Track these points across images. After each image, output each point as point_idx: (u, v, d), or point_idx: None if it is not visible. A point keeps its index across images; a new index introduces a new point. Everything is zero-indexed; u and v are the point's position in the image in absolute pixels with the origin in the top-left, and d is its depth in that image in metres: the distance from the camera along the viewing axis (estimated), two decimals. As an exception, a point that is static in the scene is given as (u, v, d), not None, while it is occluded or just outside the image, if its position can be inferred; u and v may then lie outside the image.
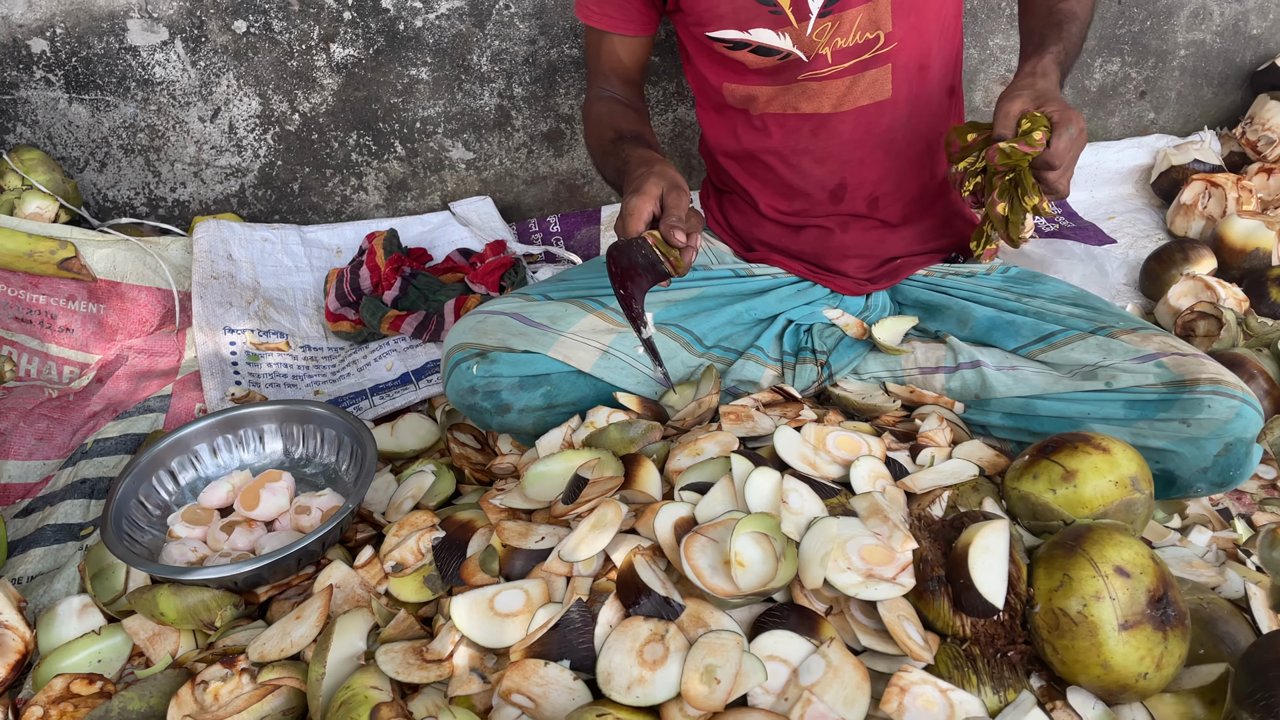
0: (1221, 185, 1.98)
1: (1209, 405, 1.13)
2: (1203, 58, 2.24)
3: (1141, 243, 2.04)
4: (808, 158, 1.38)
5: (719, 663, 0.86)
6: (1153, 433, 1.16)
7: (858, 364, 1.41)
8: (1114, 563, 0.89)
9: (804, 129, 1.36)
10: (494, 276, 1.69)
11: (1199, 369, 1.16)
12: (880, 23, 1.27)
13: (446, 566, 1.04)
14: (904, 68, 1.32)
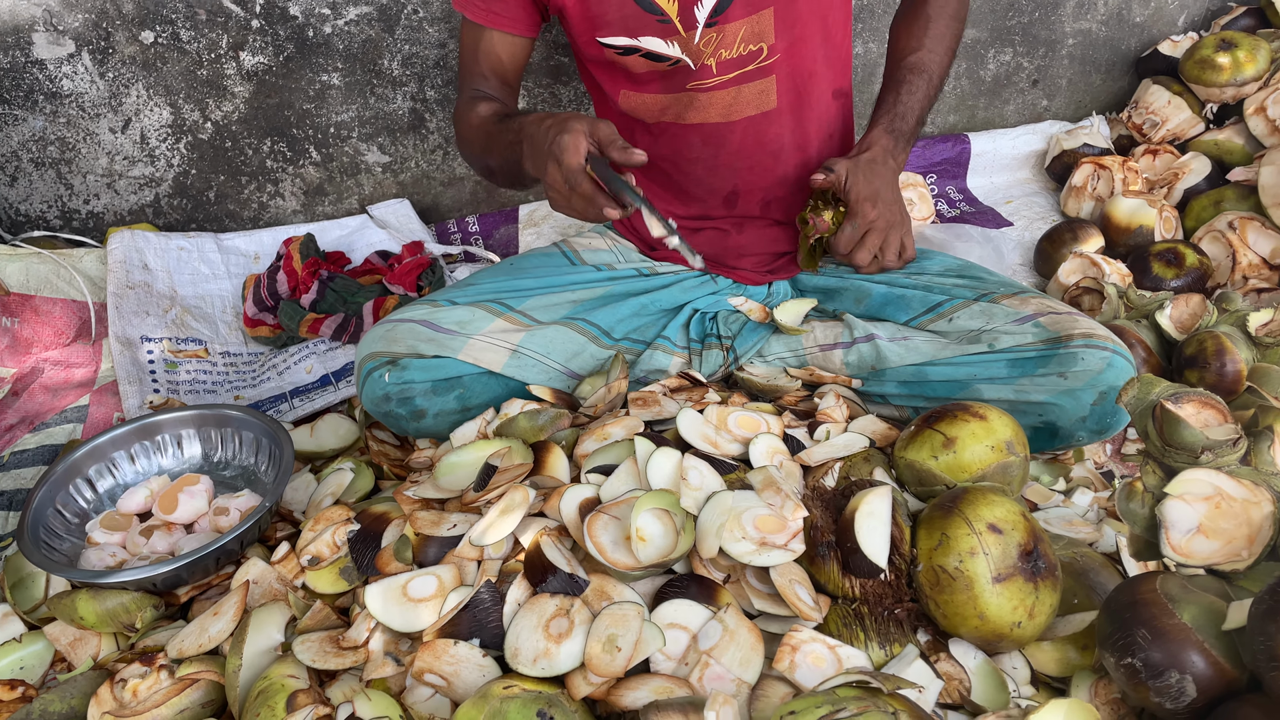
0: (1109, 167, 2.07)
1: (1082, 358, 1.20)
2: (1090, 46, 2.34)
3: (1037, 224, 2.13)
4: (700, 166, 1.42)
5: (620, 632, 0.90)
6: (1034, 388, 1.22)
7: (761, 346, 1.46)
8: (987, 520, 0.95)
9: (695, 139, 1.39)
10: (411, 277, 1.71)
11: (1072, 325, 1.24)
12: (763, 35, 1.29)
13: (362, 557, 1.07)
14: (789, 78, 1.35)
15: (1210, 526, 0.92)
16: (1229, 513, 0.92)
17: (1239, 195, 1.92)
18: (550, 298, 1.42)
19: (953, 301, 1.35)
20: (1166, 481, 0.94)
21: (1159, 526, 0.93)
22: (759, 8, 1.28)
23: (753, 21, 1.28)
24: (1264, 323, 1.43)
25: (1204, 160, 2.05)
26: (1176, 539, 0.92)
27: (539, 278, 1.45)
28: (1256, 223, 1.82)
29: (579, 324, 1.39)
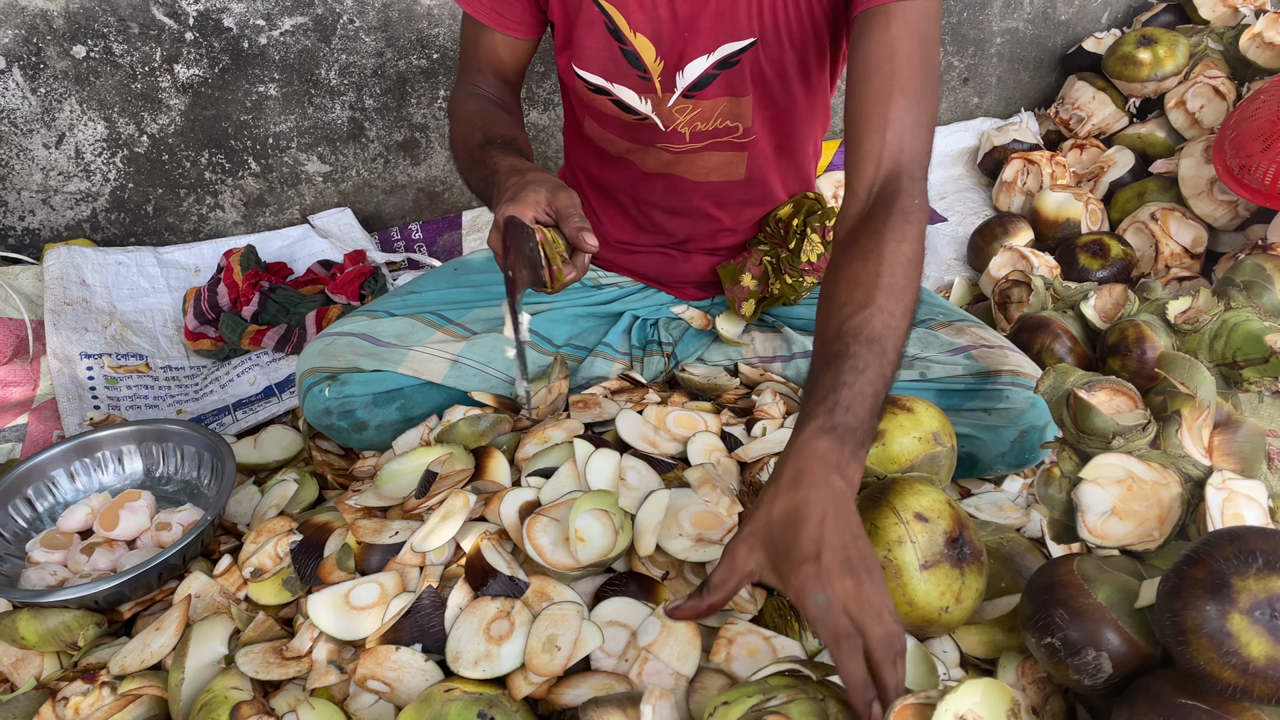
0: (1037, 162, 2.13)
1: (1008, 395, 1.23)
2: (1017, 44, 2.40)
3: (970, 219, 2.18)
4: (657, 211, 1.40)
5: (560, 632, 0.92)
6: (959, 420, 1.25)
7: (702, 354, 1.48)
8: (914, 510, 0.98)
9: (657, 185, 1.36)
10: (354, 286, 1.71)
11: (1002, 361, 1.27)
12: (741, 117, 1.26)
13: (304, 568, 1.07)
14: (761, 154, 1.32)
15: (1123, 508, 0.96)
16: (1140, 495, 0.95)
17: (1161, 187, 1.98)
18: (490, 310, 1.41)
19: None
20: (1081, 467, 0.97)
21: (1075, 510, 0.96)
22: (739, 94, 1.23)
23: (732, 103, 1.24)
24: (1182, 310, 1.48)
25: (1128, 154, 2.11)
26: (1092, 521, 0.96)
27: (479, 287, 1.44)
28: (1178, 213, 1.88)
29: None
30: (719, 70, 1.20)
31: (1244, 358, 1.38)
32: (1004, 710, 0.70)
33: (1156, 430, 1.00)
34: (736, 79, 1.21)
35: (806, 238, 1.41)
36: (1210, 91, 2.03)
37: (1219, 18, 2.22)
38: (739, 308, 1.43)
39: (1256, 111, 1.78)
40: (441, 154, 2.08)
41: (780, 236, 1.43)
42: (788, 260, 1.41)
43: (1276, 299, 1.47)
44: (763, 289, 1.41)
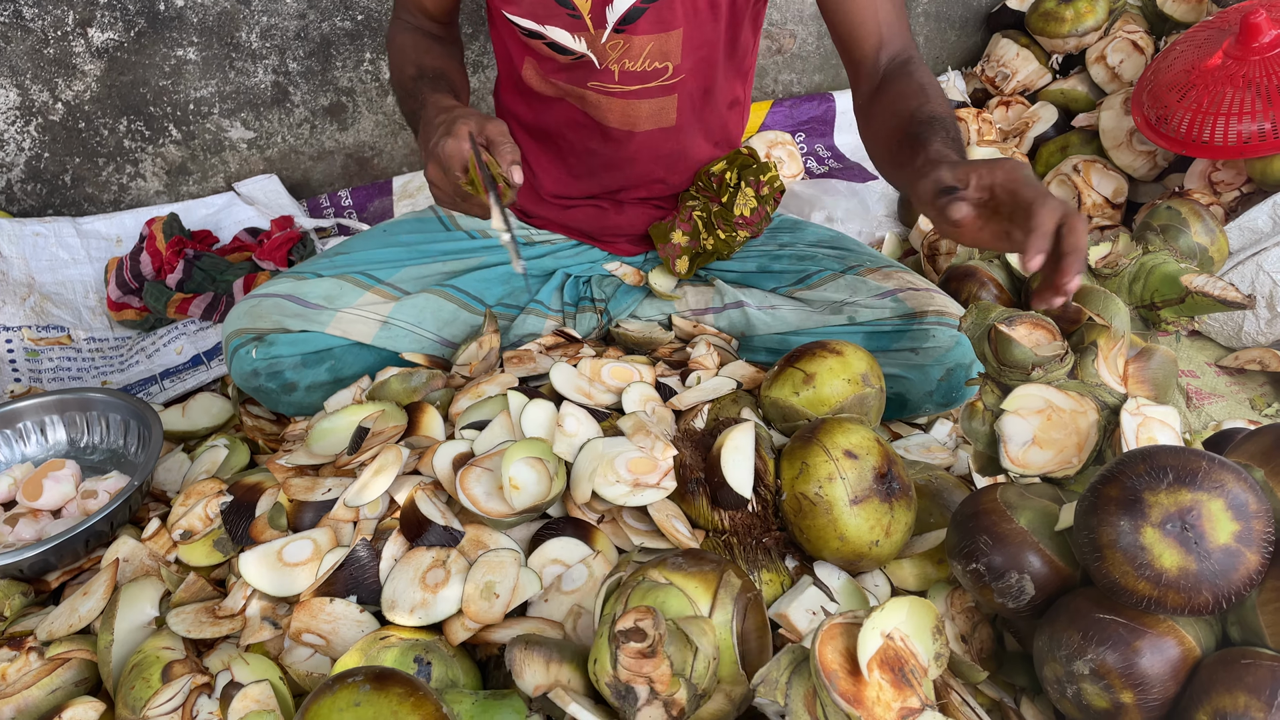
0: (965, 119, 2.16)
1: (933, 335, 1.26)
2: (944, 3, 2.42)
3: (900, 176, 2.20)
4: (594, 159, 1.39)
5: (498, 579, 0.92)
6: (887, 361, 1.27)
7: (635, 309, 1.48)
8: (843, 447, 0.99)
9: (594, 134, 1.35)
10: (281, 252, 1.68)
11: (928, 302, 1.29)
12: (669, 55, 1.25)
13: (236, 528, 1.06)
14: (689, 96, 1.32)
15: (1043, 437, 0.98)
16: (1059, 423, 0.98)
17: (1083, 140, 2.02)
18: (421, 268, 1.40)
19: (822, 273, 1.39)
20: (1003, 399, 1.00)
21: (998, 441, 0.99)
22: (669, 27, 1.23)
23: (661, 40, 1.24)
24: (1102, 255, 1.51)
25: (1051, 109, 2.15)
26: (1014, 451, 0.98)
27: (410, 246, 1.43)
28: (1099, 164, 1.92)
29: (450, 291, 1.38)
30: (647, 4, 1.20)
31: (1161, 299, 1.42)
32: (929, 627, 0.72)
33: (1074, 361, 1.02)
34: (665, 10, 1.21)
35: (740, 191, 1.41)
36: (1129, 46, 2.07)
37: (1136, -26, 2.26)
38: (673, 265, 1.43)
39: (1173, 63, 1.82)
40: (370, 119, 2.04)
41: (713, 190, 1.43)
42: (720, 214, 1.42)
43: (1192, 242, 1.51)
44: (695, 244, 1.42)
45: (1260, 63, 1.64)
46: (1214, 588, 0.74)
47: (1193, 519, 0.74)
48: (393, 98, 2.03)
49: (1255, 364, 1.58)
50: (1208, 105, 1.67)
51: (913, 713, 0.67)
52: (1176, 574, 0.75)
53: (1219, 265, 1.54)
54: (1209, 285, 1.37)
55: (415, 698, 0.68)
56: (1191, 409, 1.52)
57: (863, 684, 0.66)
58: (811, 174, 2.25)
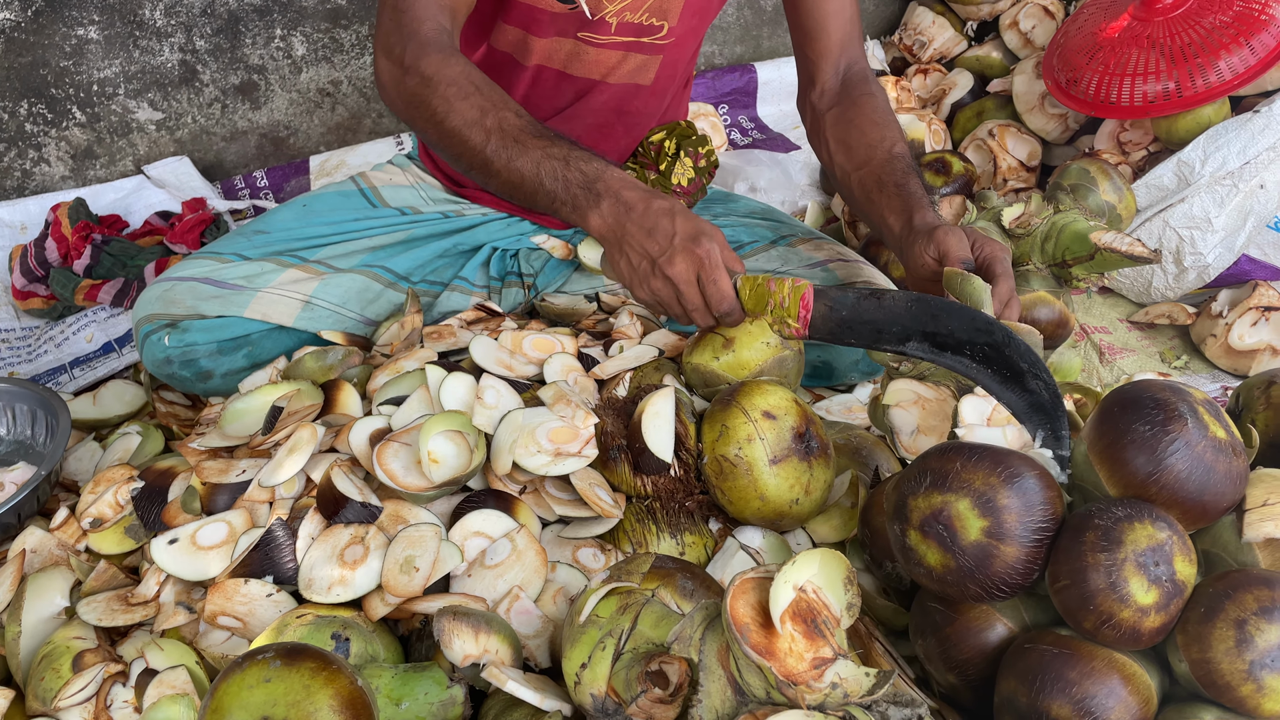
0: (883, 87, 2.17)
1: None
2: (861, -27, 2.44)
3: (823, 145, 2.22)
4: (559, 117, 1.36)
5: (418, 553, 0.91)
6: None
7: (563, 284, 1.47)
8: (762, 408, 1.00)
9: (568, 91, 1.33)
10: (194, 234, 1.64)
11: (856, 273, 1.31)
12: (667, 14, 1.25)
13: (148, 514, 1.03)
14: (670, 63, 1.32)
15: (926, 425, 1.02)
16: (933, 411, 1.01)
17: (998, 105, 2.05)
18: (346, 245, 1.37)
19: (754, 243, 1.40)
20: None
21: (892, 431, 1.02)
22: None
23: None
24: (1016, 216, 1.54)
25: (967, 75, 2.18)
26: (905, 440, 1.02)
27: (334, 223, 1.39)
28: (1013, 128, 1.95)
29: (375, 271, 1.36)
30: None
31: (1072, 256, 1.45)
32: (841, 578, 0.73)
33: None
34: None
35: (679, 161, 1.41)
36: (1040, 11, 2.10)
37: (1046, -59, 2.30)
38: None
39: (1081, 27, 1.86)
40: (283, 97, 2.00)
41: (651, 158, 1.42)
42: (658, 183, 1.41)
43: (1100, 200, 1.54)
44: None
45: (1164, 24, 1.68)
46: (976, 581, 0.76)
47: (945, 519, 0.76)
48: (307, 75, 1.99)
49: (1164, 318, 1.62)
50: (1114, 67, 1.71)
51: (825, 662, 0.68)
52: (941, 570, 0.77)
53: (1127, 223, 1.58)
54: (1116, 242, 1.40)
55: (328, 672, 0.67)
56: (1105, 364, 1.56)
57: (775, 636, 0.67)
58: (735, 145, 2.25)
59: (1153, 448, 0.75)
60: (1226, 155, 1.52)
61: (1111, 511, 0.74)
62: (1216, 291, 1.60)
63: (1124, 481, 0.77)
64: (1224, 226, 1.55)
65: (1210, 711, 0.72)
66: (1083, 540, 0.72)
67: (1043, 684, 0.72)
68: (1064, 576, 0.73)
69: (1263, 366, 1.49)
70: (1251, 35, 1.58)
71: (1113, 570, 0.71)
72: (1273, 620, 0.69)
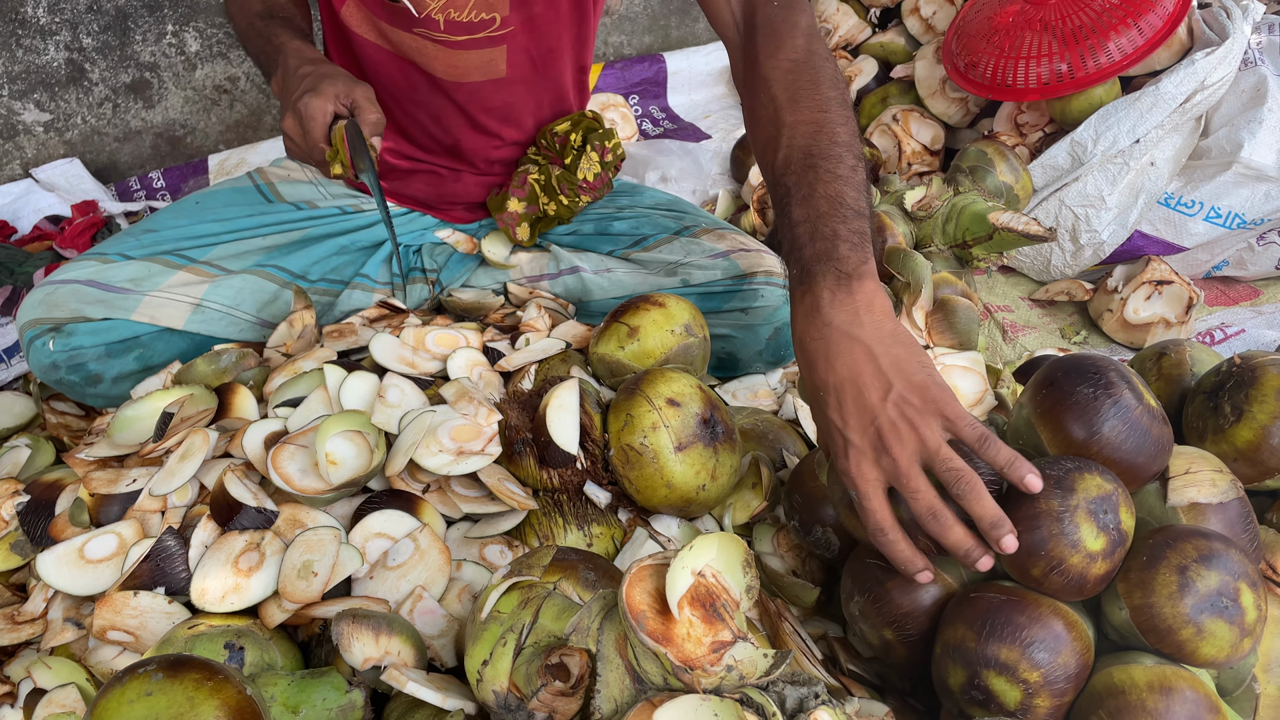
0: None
1: (762, 295, 1.28)
2: (766, -38, 2.45)
3: (733, 135, 2.23)
4: (422, 112, 1.33)
5: (316, 557, 0.89)
6: (719, 322, 1.29)
7: (468, 278, 1.45)
8: (666, 396, 1.00)
9: (420, 85, 1.30)
10: (84, 238, 1.58)
11: (757, 263, 1.31)
12: (495, 6, 1.21)
13: (34, 528, 0.99)
14: (523, 50, 1.28)
15: None
16: None
17: (901, 90, 2.08)
18: (239, 244, 1.33)
19: (657, 235, 1.39)
20: None
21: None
22: None
23: None
24: (918, 199, 1.57)
25: (872, 62, 2.21)
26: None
27: (227, 221, 1.35)
28: (916, 113, 1.99)
29: (270, 271, 1.32)
30: None
31: (972, 237, 1.48)
32: (739, 561, 0.73)
33: None
34: None
35: (585, 154, 1.39)
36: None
37: (944, -72, 2.34)
38: (514, 233, 1.40)
39: (979, 12, 1.89)
40: (178, 95, 1.94)
41: (555, 151, 1.40)
42: (564, 178, 1.39)
43: (998, 181, 1.58)
44: (533, 210, 1.39)
45: (1057, 6, 1.72)
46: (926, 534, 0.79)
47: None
48: (203, 72, 1.93)
49: (1064, 295, 1.66)
50: (1010, 50, 1.75)
51: (724, 645, 0.68)
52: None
53: (1024, 203, 1.62)
54: (1014, 221, 1.43)
55: (214, 682, 0.65)
56: (1007, 341, 1.60)
57: (672, 622, 0.67)
58: (647, 135, 2.25)
59: (1096, 409, 0.79)
60: (1117, 134, 1.57)
61: (1061, 464, 0.77)
62: (1112, 268, 1.65)
63: (1065, 441, 0.80)
64: (1117, 204, 1.59)
65: (1148, 656, 0.74)
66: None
67: (992, 628, 0.73)
68: (1018, 524, 0.74)
69: (1157, 339, 1.54)
70: (1139, 17, 1.63)
71: (1065, 516, 0.73)
72: (1211, 567, 0.72)
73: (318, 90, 1.05)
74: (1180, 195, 1.60)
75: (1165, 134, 1.57)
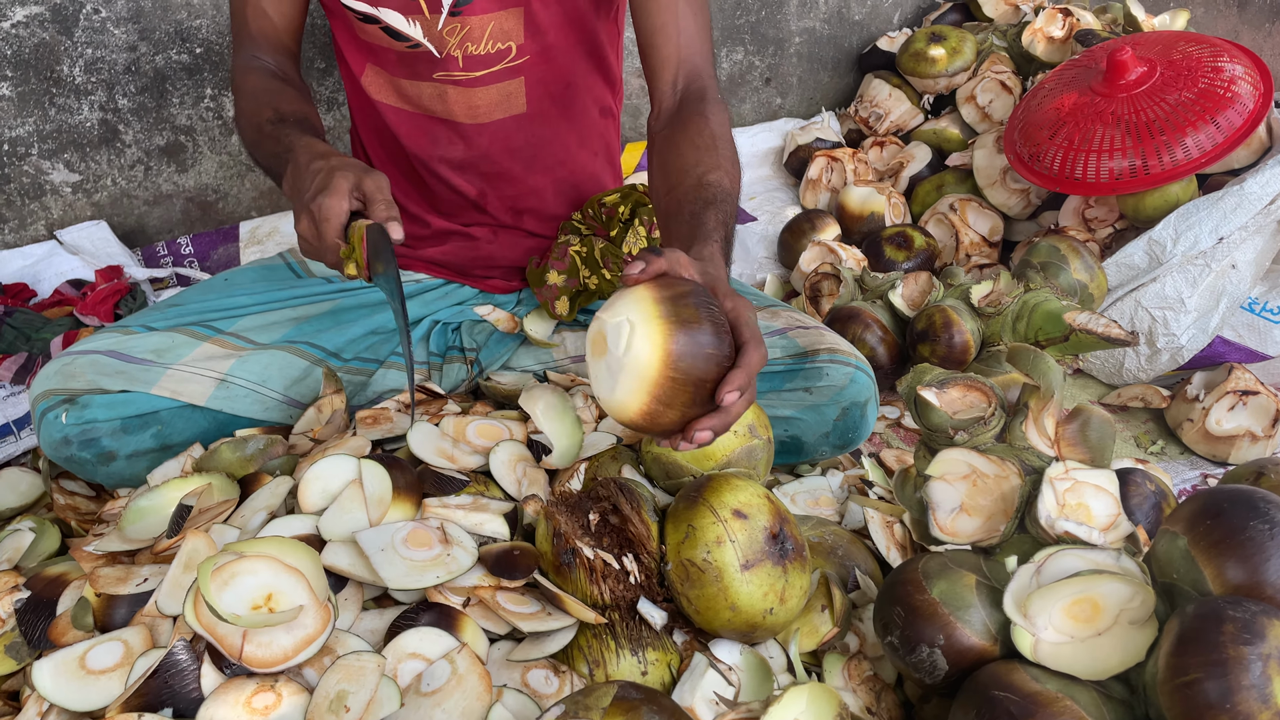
0: (841, 159, 2.15)
1: (827, 373, 1.21)
2: (815, 44, 2.43)
3: (779, 218, 2.18)
4: (445, 165, 1.30)
5: (353, 689, 0.80)
6: (781, 402, 1.22)
7: (509, 358, 1.39)
8: (732, 506, 0.92)
9: (441, 135, 1.27)
10: (107, 305, 1.53)
11: (819, 340, 1.24)
12: (511, 34, 1.19)
13: (33, 629, 0.91)
14: (540, 83, 1.25)
15: (971, 504, 0.93)
16: (985, 489, 0.93)
17: (958, 179, 2.03)
18: (268, 316, 1.28)
19: None
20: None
21: (927, 508, 0.94)
22: (506, 5, 1.17)
23: (500, 18, 1.18)
24: (985, 294, 1.50)
25: (925, 149, 2.17)
26: (943, 519, 0.93)
27: (256, 294, 1.30)
28: (974, 203, 1.93)
29: (301, 347, 1.26)
30: None
31: (1045, 337, 1.41)
32: (832, 714, 0.64)
33: (1004, 423, 0.98)
34: None
35: (632, 228, 1.34)
36: (998, 86, 2.10)
37: (1001, 15, 2.32)
38: (552, 308, 1.35)
39: (1042, 101, 1.85)
40: (212, 159, 1.90)
41: (601, 222, 1.35)
42: (608, 250, 1.33)
43: (1072, 279, 1.51)
44: (574, 283, 1.33)
45: (1128, 100, 1.68)
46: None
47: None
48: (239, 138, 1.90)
49: (1138, 401, 1.58)
50: (1079, 142, 1.70)
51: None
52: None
53: (1099, 302, 1.55)
54: (1092, 323, 1.36)
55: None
56: (1079, 448, 1.51)
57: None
58: (689, 215, 2.20)
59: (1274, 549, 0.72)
60: (1198, 234, 1.50)
61: (1245, 606, 0.69)
62: (1190, 374, 1.57)
63: (1233, 581, 0.73)
64: (1197, 307, 1.52)
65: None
66: (1221, 631, 0.66)
67: None
68: (1195, 669, 0.66)
69: (1242, 452, 1.45)
70: (1217, 113, 1.58)
71: (1257, 666, 0.66)
72: None
73: (331, 188, 0.98)
74: (1265, 301, 1.53)
75: (1248, 236, 1.51)
